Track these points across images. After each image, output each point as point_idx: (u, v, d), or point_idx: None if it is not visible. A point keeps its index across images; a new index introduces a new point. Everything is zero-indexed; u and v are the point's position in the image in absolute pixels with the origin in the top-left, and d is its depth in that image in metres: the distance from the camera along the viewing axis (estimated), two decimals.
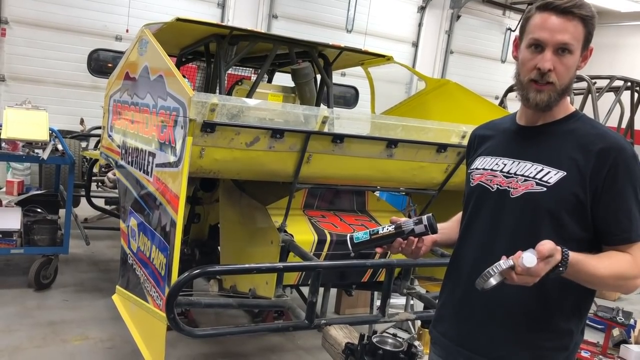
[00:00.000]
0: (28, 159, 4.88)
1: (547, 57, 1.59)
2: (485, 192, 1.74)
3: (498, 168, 1.74)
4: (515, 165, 1.70)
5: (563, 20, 1.59)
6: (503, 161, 1.74)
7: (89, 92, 8.83)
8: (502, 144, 1.80)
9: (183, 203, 2.51)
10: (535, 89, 1.63)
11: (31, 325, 4.06)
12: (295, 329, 2.87)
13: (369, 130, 3.28)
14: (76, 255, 5.53)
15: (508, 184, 1.69)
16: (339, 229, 3.30)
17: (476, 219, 1.77)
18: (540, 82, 1.62)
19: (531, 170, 1.66)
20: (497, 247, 1.65)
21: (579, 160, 1.59)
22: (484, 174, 1.77)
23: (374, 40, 11.36)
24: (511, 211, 1.67)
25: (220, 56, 3.92)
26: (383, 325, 4.21)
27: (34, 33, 8.65)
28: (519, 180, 1.67)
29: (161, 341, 2.59)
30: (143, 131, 3.19)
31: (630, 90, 7.78)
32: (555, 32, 1.59)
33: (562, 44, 1.59)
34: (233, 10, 10.14)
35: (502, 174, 1.72)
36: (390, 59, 4.58)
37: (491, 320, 1.69)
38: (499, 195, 1.70)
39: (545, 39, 1.59)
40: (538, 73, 1.61)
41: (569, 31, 1.59)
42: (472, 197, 1.79)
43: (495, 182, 1.72)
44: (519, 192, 1.66)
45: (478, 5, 12.89)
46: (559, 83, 1.61)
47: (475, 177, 1.80)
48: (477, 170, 1.80)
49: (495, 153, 1.79)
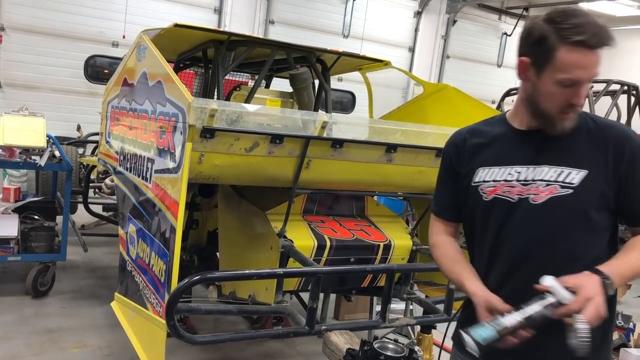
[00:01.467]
0: (25, 166, 4.86)
1: (583, 94, 1.57)
2: (506, 205, 1.67)
3: (513, 177, 1.67)
4: (531, 171, 1.65)
5: (596, 54, 1.54)
6: (516, 169, 1.68)
7: (85, 98, 8.81)
8: (507, 151, 1.72)
9: (183, 209, 2.50)
10: (563, 119, 1.61)
11: (29, 333, 4.03)
12: (295, 335, 2.86)
13: (368, 135, 3.28)
14: (74, 262, 5.51)
15: (527, 191, 1.64)
16: (339, 234, 3.29)
17: (503, 234, 1.69)
18: (571, 112, 1.60)
19: (551, 174, 1.63)
20: (534, 259, 1.63)
21: (597, 155, 1.61)
22: (498, 186, 1.69)
23: (371, 45, 11.39)
24: (538, 219, 1.63)
25: (218, 62, 3.91)
26: (382, 331, 4.19)
27: (31, 39, 8.65)
28: (540, 185, 1.63)
29: (161, 348, 2.57)
30: (142, 137, 3.18)
31: (626, 93, 7.82)
32: (591, 69, 1.54)
33: (595, 76, 1.57)
34: (230, 16, 10.16)
35: (520, 183, 1.66)
36: (388, 64, 4.59)
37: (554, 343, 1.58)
38: (521, 205, 1.65)
39: (583, 78, 1.54)
40: (571, 107, 1.58)
41: (599, 62, 1.56)
42: (491, 213, 1.71)
43: (515, 192, 1.66)
44: (542, 198, 1.62)
45: (474, 10, 12.95)
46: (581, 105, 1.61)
47: (487, 190, 1.71)
48: (486, 183, 1.72)
49: (502, 162, 1.71)
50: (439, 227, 1.90)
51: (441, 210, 1.90)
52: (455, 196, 1.83)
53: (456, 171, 1.81)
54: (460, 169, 1.80)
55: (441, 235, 1.89)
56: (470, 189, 1.75)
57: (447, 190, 1.86)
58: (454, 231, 1.90)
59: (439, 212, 1.91)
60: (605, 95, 7.77)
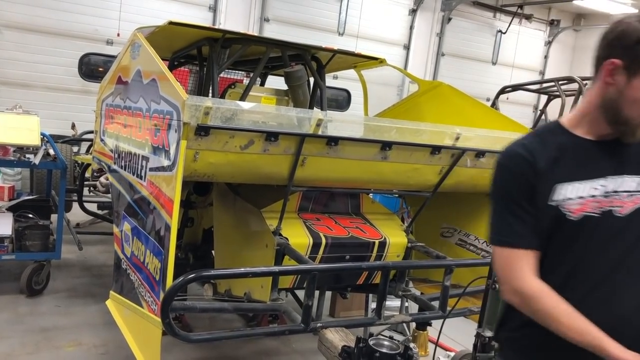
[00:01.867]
0: (19, 164, 4.84)
1: None
2: (595, 221, 1.58)
3: (598, 192, 1.59)
4: (612, 183, 1.59)
5: None
6: (600, 183, 1.59)
7: (80, 96, 8.79)
8: (584, 164, 1.62)
9: (177, 207, 2.50)
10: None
11: (23, 331, 4.02)
12: (291, 333, 2.86)
13: (363, 132, 3.28)
14: (68, 260, 5.49)
15: (610, 204, 1.58)
16: (334, 232, 3.30)
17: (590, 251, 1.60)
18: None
19: (631, 184, 1.58)
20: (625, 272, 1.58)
21: None
22: (586, 203, 1.58)
23: (366, 43, 11.39)
24: (625, 232, 1.57)
25: (213, 59, 3.91)
26: (377, 328, 4.20)
27: (25, 37, 8.61)
28: (623, 197, 1.58)
29: (156, 346, 2.57)
30: (136, 135, 3.18)
31: None
32: None
33: None
34: (225, 14, 10.14)
35: (602, 196, 1.59)
36: (383, 62, 4.59)
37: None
38: (605, 219, 1.57)
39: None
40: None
41: None
42: (579, 232, 1.58)
43: (600, 207, 1.59)
44: (628, 209, 1.57)
45: (469, 7, 12.96)
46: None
47: (572, 208, 1.58)
48: (570, 201, 1.58)
49: (582, 176, 1.60)
50: (527, 264, 1.60)
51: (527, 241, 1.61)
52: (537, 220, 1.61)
53: (535, 190, 1.60)
54: (536, 186, 1.60)
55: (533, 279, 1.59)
56: (547, 209, 1.59)
57: (529, 214, 1.61)
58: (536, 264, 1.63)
59: (524, 242, 1.61)
60: None
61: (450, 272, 3.14)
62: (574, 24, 14.93)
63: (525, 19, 13.47)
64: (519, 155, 1.62)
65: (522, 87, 8.61)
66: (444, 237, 4.10)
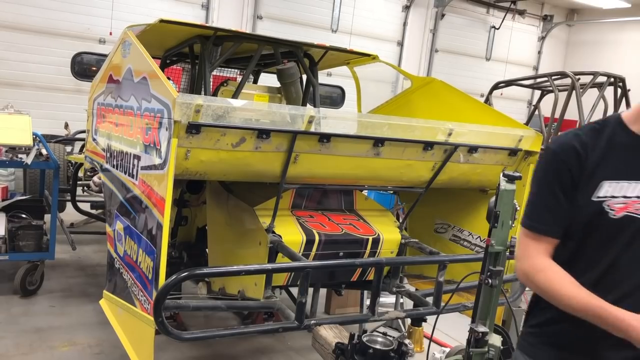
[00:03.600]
0: (12, 164, 4.82)
1: None
2: (637, 223, 1.57)
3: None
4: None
5: None
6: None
7: (72, 95, 8.75)
8: (632, 163, 1.59)
9: (169, 205, 2.49)
10: None
11: (17, 332, 4.01)
12: (284, 330, 2.86)
13: (356, 129, 3.27)
14: (62, 260, 5.48)
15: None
16: (328, 229, 3.30)
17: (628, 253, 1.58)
18: None
19: None
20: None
21: None
22: (630, 203, 1.56)
23: (359, 40, 11.39)
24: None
25: (205, 57, 3.89)
26: (373, 324, 4.21)
27: (15, 37, 8.56)
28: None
29: (149, 345, 2.57)
30: (128, 134, 3.17)
31: (613, 85, 7.87)
32: None
33: None
34: (217, 11, 10.12)
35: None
36: (375, 58, 4.59)
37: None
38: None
39: None
40: None
41: None
42: (619, 232, 1.57)
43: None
44: None
45: (462, 3, 12.98)
46: None
47: (615, 207, 1.56)
48: (614, 199, 1.57)
49: (629, 176, 1.58)
50: (539, 247, 1.64)
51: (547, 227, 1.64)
52: (567, 211, 1.61)
53: (575, 183, 1.59)
54: (580, 180, 1.59)
55: (544, 257, 1.63)
56: (591, 205, 1.58)
57: (558, 204, 1.61)
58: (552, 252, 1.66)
59: (543, 229, 1.64)
60: (592, 87, 7.81)
61: (444, 267, 3.15)
62: (567, 19, 14.97)
63: (518, 14, 13.49)
64: (571, 147, 1.61)
65: (515, 82, 8.62)
66: (437, 233, 4.11)
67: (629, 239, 1.57)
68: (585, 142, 1.60)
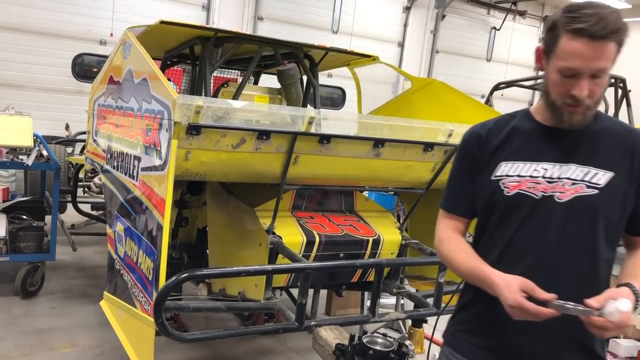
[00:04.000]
0: (12, 166, 4.82)
1: (584, 86, 1.52)
2: (530, 201, 1.62)
3: (539, 174, 1.63)
4: (558, 169, 1.62)
5: (598, 46, 1.48)
6: (543, 166, 1.64)
7: (73, 96, 8.76)
8: (533, 147, 1.67)
9: (169, 207, 2.49)
10: (569, 111, 1.57)
11: (18, 333, 4.01)
12: (285, 331, 2.86)
13: (356, 130, 3.27)
14: (63, 261, 5.48)
15: (552, 189, 1.61)
16: (328, 230, 3.29)
17: (523, 230, 1.64)
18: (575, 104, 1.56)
19: (577, 173, 1.60)
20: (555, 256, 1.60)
21: (622, 159, 1.61)
22: (523, 182, 1.64)
23: (360, 41, 11.39)
24: (562, 217, 1.59)
25: (205, 58, 3.90)
26: (374, 326, 4.21)
27: (17, 38, 8.58)
28: (566, 184, 1.60)
29: (150, 347, 2.57)
30: (128, 135, 3.17)
31: (614, 86, 7.86)
32: (590, 60, 1.49)
33: (599, 70, 1.51)
34: (218, 12, 10.13)
35: (545, 180, 1.62)
36: (376, 59, 4.59)
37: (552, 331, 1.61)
38: (545, 202, 1.61)
39: (581, 69, 1.50)
40: (573, 99, 1.54)
41: (604, 56, 1.50)
42: (513, 208, 1.65)
43: (540, 189, 1.62)
44: (568, 196, 1.59)
45: (463, 4, 12.98)
46: (592, 101, 1.56)
47: (510, 185, 1.65)
48: (509, 178, 1.66)
49: (528, 157, 1.66)
50: (448, 223, 1.80)
51: (453, 206, 1.80)
52: (472, 191, 1.74)
53: (476, 164, 1.73)
54: (481, 161, 1.72)
55: (450, 231, 1.79)
56: (490, 184, 1.69)
57: (464, 184, 1.76)
58: (463, 229, 1.81)
59: (450, 207, 1.81)
60: None
61: (444, 268, 3.14)
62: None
63: (519, 15, 13.49)
64: (475, 133, 1.77)
65: (516, 83, 8.61)
66: None
67: (523, 217, 1.63)
68: (490, 128, 1.75)
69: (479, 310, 1.74)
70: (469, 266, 1.67)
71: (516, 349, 1.66)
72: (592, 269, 1.58)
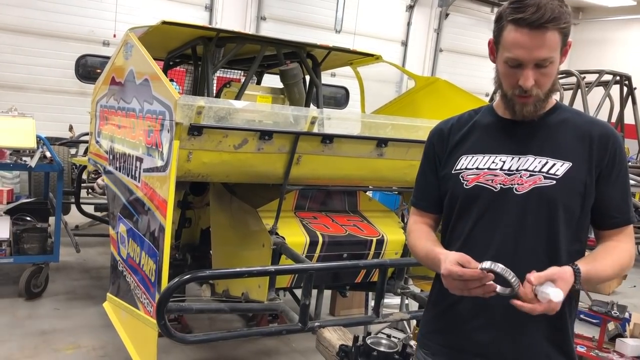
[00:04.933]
0: (16, 167, 4.83)
1: (528, 76, 1.53)
2: (488, 194, 1.63)
3: (497, 166, 1.64)
4: (516, 161, 1.62)
5: (539, 34, 1.50)
6: (501, 158, 1.64)
7: (76, 98, 8.78)
8: (492, 139, 1.68)
9: (171, 208, 2.48)
10: (520, 102, 1.59)
11: (22, 335, 4.01)
12: (288, 332, 2.85)
13: (359, 129, 3.26)
14: (67, 263, 5.48)
15: (511, 181, 1.61)
16: (331, 230, 3.28)
17: (482, 223, 1.64)
18: (524, 95, 1.57)
19: (535, 165, 1.60)
20: (514, 249, 1.59)
21: (581, 149, 1.60)
22: (481, 174, 1.65)
23: (363, 40, 11.37)
24: (521, 209, 1.59)
25: (208, 59, 3.89)
26: (379, 326, 4.19)
27: (20, 40, 8.60)
28: (524, 175, 1.60)
29: (153, 348, 2.56)
30: (130, 136, 3.16)
31: (619, 84, 7.82)
32: (532, 50, 1.51)
33: (541, 59, 1.52)
34: (221, 13, 10.13)
35: (504, 172, 1.62)
36: (379, 58, 4.57)
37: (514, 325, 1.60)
38: (503, 194, 1.61)
39: (524, 58, 1.52)
40: (521, 90, 1.56)
41: (546, 45, 1.51)
42: (471, 201, 1.66)
43: (498, 181, 1.62)
44: (526, 188, 1.59)
45: (466, 3, 12.94)
46: (542, 92, 1.57)
47: (468, 178, 1.66)
48: (468, 171, 1.67)
49: (486, 150, 1.67)
50: (417, 218, 1.84)
51: (418, 201, 1.84)
52: (435, 186, 1.77)
53: (438, 158, 1.77)
54: (442, 156, 1.76)
55: (416, 223, 1.83)
56: (451, 177, 1.71)
57: (427, 181, 1.80)
58: (432, 224, 1.82)
59: (416, 202, 1.85)
60: (597, 85, 7.77)
61: None
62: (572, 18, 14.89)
63: None
64: (438, 129, 1.81)
65: None
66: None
67: (482, 210, 1.64)
68: (453, 124, 1.78)
69: (442, 309, 1.74)
70: (425, 250, 1.70)
71: (478, 346, 1.65)
72: (554, 261, 1.55)
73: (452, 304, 1.68)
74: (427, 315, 1.83)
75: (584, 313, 5.27)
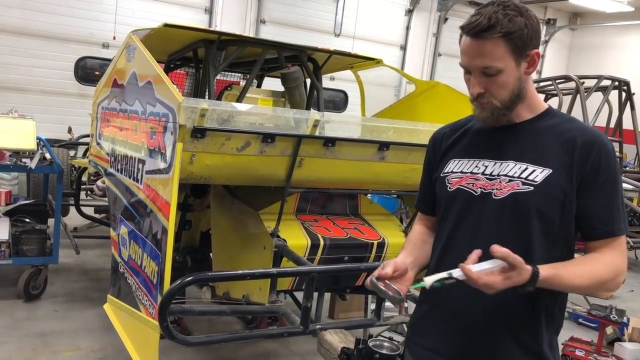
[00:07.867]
0: (16, 169, 4.82)
1: (474, 83, 1.57)
2: (468, 197, 1.64)
3: (479, 171, 1.65)
4: (497, 166, 1.63)
5: (478, 44, 1.52)
6: (484, 163, 1.66)
7: (76, 100, 8.77)
8: (477, 145, 1.71)
9: (174, 210, 2.49)
10: (478, 107, 1.62)
11: (21, 336, 4.00)
12: (289, 335, 2.85)
13: (360, 133, 3.27)
14: (66, 264, 5.47)
15: (491, 186, 1.61)
16: (332, 233, 3.28)
17: (461, 226, 1.66)
18: (477, 101, 1.60)
19: (515, 170, 1.59)
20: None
21: (563, 156, 1.57)
22: (464, 178, 1.67)
23: (362, 44, 11.38)
24: (498, 213, 1.59)
25: (209, 61, 3.89)
26: (378, 329, 4.19)
27: (20, 42, 8.59)
28: (503, 181, 1.60)
29: (154, 350, 2.56)
30: (132, 138, 3.16)
31: (618, 89, 7.85)
32: (472, 57, 1.54)
33: (483, 68, 1.54)
34: (220, 16, 10.14)
35: (485, 177, 1.63)
36: (379, 62, 4.58)
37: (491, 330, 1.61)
38: (482, 199, 1.62)
39: (466, 65, 1.57)
40: (472, 96, 1.60)
41: (486, 54, 1.52)
42: (453, 204, 1.69)
43: (478, 185, 1.63)
44: (504, 193, 1.58)
45: (465, 7, 12.97)
46: (497, 100, 1.57)
47: (453, 181, 1.69)
48: (453, 174, 1.70)
49: (472, 155, 1.70)
50: (417, 219, 1.93)
51: (419, 203, 1.92)
52: (430, 189, 1.82)
53: (432, 163, 1.83)
54: (435, 161, 1.81)
55: (416, 225, 1.90)
56: (439, 181, 1.75)
57: (424, 184, 1.88)
58: (430, 225, 1.87)
59: (417, 204, 1.93)
60: (596, 91, 7.80)
61: None
62: (570, 23, 14.96)
63: None
64: (435, 136, 1.87)
65: None
66: None
67: (461, 212, 1.66)
68: (448, 130, 1.83)
69: (424, 311, 1.77)
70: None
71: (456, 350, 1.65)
72: None
73: (433, 307, 1.71)
74: (412, 317, 1.86)
75: (583, 317, 5.29)
